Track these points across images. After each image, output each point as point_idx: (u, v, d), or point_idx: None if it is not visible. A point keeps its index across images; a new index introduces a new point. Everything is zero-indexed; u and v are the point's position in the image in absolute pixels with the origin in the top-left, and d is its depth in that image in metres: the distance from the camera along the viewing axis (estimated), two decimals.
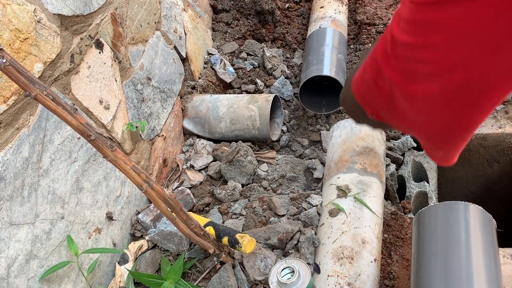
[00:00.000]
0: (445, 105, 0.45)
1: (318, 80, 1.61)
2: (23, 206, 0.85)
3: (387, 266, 1.13)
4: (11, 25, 0.79)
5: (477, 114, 0.46)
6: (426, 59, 0.42)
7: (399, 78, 0.47)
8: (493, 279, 0.83)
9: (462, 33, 0.39)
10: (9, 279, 0.81)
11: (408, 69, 0.45)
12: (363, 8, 2.02)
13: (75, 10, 0.97)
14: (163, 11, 1.48)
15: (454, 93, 0.43)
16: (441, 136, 0.50)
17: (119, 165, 0.79)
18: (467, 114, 0.46)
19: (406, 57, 0.44)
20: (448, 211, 0.94)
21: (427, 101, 0.46)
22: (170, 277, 1.00)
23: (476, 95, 0.44)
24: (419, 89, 0.45)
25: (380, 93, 0.51)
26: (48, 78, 0.91)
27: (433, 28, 0.40)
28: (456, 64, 0.41)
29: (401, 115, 0.50)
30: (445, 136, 0.50)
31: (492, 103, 0.45)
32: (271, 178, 1.41)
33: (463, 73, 0.41)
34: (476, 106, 0.45)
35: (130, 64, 1.25)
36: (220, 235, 1.04)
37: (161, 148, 1.42)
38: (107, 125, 1.12)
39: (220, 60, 1.80)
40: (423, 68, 0.43)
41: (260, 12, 1.97)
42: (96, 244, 1.07)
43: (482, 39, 0.39)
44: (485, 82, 0.42)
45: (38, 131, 0.88)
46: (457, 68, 0.41)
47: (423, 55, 0.42)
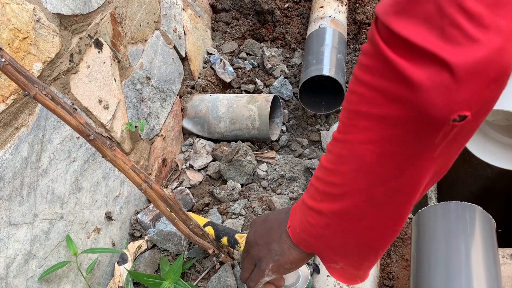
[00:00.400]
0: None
1: (317, 80, 1.60)
2: (22, 206, 0.85)
3: (387, 266, 1.13)
4: (10, 24, 0.79)
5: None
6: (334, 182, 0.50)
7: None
8: (492, 279, 0.83)
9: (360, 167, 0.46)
10: (8, 279, 0.81)
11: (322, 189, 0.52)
12: (363, 8, 2.02)
13: (75, 10, 0.97)
14: (162, 10, 1.48)
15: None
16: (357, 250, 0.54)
17: (118, 165, 0.79)
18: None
19: (322, 179, 0.52)
20: (447, 211, 0.94)
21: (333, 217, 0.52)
22: (169, 277, 0.99)
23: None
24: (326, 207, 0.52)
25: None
26: (47, 78, 0.91)
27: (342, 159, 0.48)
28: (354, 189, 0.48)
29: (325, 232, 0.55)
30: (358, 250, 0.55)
31: None
32: (270, 178, 1.40)
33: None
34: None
35: (129, 63, 1.25)
36: (220, 235, 1.03)
37: (160, 148, 1.42)
38: (106, 124, 1.11)
39: (219, 59, 1.80)
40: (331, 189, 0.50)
41: (259, 12, 1.96)
42: (95, 244, 1.07)
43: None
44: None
45: (37, 131, 0.88)
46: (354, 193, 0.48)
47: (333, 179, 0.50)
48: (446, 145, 0.41)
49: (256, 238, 0.64)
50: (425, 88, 0.36)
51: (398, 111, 0.39)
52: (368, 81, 0.41)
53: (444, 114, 0.36)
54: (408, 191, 0.45)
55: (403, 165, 0.43)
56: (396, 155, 0.42)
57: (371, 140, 0.43)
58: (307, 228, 0.55)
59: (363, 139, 0.44)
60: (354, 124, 0.44)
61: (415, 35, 0.35)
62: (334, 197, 0.50)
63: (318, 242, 0.56)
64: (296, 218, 0.58)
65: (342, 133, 0.47)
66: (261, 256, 0.63)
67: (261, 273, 0.63)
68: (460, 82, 0.35)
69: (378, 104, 0.40)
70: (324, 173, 0.51)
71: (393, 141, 0.41)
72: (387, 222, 0.49)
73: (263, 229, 0.64)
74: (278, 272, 0.62)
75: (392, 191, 0.46)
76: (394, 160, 0.43)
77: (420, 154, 0.41)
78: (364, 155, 0.44)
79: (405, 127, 0.40)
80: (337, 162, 0.49)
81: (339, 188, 0.49)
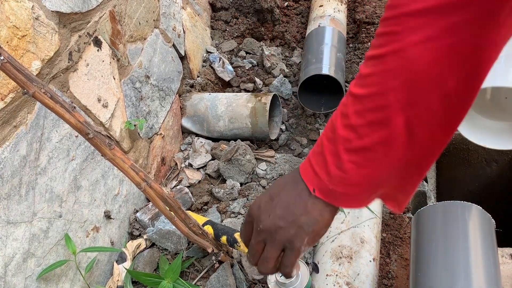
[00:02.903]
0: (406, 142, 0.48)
1: (317, 79, 1.60)
2: (21, 204, 0.84)
3: (386, 266, 1.13)
4: (8, 22, 0.79)
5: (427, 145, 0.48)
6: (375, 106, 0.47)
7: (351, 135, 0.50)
8: (492, 279, 0.83)
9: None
10: (6, 277, 0.81)
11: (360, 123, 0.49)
12: (362, 7, 2.02)
13: (74, 7, 0.97)
14: (161, 9, 1.47)
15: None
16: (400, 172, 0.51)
17: (118, 163, 0.78)
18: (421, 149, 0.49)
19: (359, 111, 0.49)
20: (447, 210, 0.94)
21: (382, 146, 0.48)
22: (168, 276, 0.99)
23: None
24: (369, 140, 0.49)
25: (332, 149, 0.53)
26: (46, 76, 0.90)
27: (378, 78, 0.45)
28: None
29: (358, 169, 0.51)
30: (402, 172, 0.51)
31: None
32: (269, 177, 1.40)
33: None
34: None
35: (128, 62, 1.25)
36: (219, 234, 1.03)
37: (159, 147, 1.42)
38: (105, 123, 1.11)
39: (218, 58, 1.79)
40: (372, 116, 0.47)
41: (259, 11, 1.96)
42: (94, 243, 1.07)
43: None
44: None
45: (36, 129, 0.88)
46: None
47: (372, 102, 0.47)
48: (510, 23, 0.39)
49: (276, 221, 0.57)
50: None
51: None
52: None
53: None
54: (467, 89, 0.43)
55: (466, 57, 0.40)
56: (458, 45, 0.40)
57: (428, 36, 0.41)
58: (344, 178, 0.52)
59: (417, 39, 0.41)
60: (404, 28, 0.42)
61: None
62: (380, 124, 0.47)
63: (358, 187, 0.52)
64: (321, 176, 0.54)
65: (385, 46, 0.44)
66: (290, 236, 0.56)
67: (296, 253, 0.58)
68: None
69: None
70: (362, 102, 0.48)
71: (454, 30, 0.39)
72: (438, 134, 0.47)
73: (279, 210, 0.57)
74: (314, 241, 0.58)
75: (449, 93, 0.43)
76: (455, 52, 0.40)
77: (483, 39, 0.39)
78: (419, 58, 0.42)
79: (467, 7, 0.38)
80: (381, 82, 0.46)
81: (387, 110, 0.46)
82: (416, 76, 0.43)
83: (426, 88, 0.43)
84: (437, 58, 0.41)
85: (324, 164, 0.53)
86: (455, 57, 0.41)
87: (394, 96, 0.45)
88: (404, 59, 0.43)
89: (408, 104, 0.44)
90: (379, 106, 0.46)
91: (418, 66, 0.42)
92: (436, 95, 0.43)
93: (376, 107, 0.47)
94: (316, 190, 0.54)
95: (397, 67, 0.44)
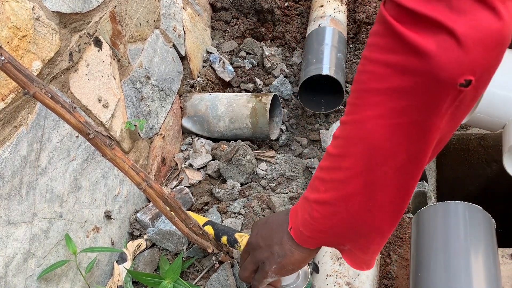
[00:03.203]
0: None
1: (317, 79, 1.60)
2: (21, 204, 0.84)
3: (386, 266, 1.13)
4: (9, 22, 0.79)
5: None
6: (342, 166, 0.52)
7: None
8: (492, 279, 0.83)
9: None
10: (6, 278, 0.81)
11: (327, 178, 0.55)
12: (363, 7, 2.02)
13: (74, 8, 0.97)
14: (162, 9, 1.48)
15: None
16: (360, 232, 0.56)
17: (118, 163, 0.78)
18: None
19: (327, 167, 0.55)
20: (447, 211, 0.94)
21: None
22: (169, 276, 0.99)
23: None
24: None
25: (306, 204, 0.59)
26: (46, 76, 0.91)
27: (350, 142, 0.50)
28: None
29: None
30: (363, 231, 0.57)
31: None
32: (270, 177, 1.40)
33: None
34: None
35: (129, 62, 1.25)
36: (219, 234, 1.03)
37: (159, 147, 1.42)
38: (106, 123, 1.11)
39: (219, 58, 1.79)
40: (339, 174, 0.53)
41: (259, 11, 1.96)
42: (94, 243, 1.07)
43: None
44: None
45: (37, 129, 0.88)
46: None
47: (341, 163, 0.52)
48: (451, 114, 0.44)
49: (258, 240, 0.66)
50: (434, 55, 0.39)
51: (409, 81, 0.42)
52: (379, 58, 0.44)
53: (452, 77, 0.40)
54: (416, 163, 0.48)
55: (412, 137, 0.46)
56: (406, 126, 0.45)
57: (381, 114, 0.46)
58: (312, 224, 0.57)
59: (373, 115, 0.46)
60: (364, 102, 0.47)
61: (423, 7, 0.39)
62: (341, 182, 0.52)
63: (324, 235, 0.58)
64: (298, 217, 0.60)
65: (350, 115, 0.50)
66: (263, 258, 0.65)
67: (264, 274, 0.65)
68: (465, 48, 0.39)
69: (389, 78, 0.44)
70: (330, 160, 0.54)
71: (403, 112, 0.44)
72: (395, 199, 0.51)
73: (265, 232, 0.66)
74: (280, 273, 0.65)
75: (401, 165, 0.48)
76: (404, 132, 0.46)
77: (428, 124, 0.44)
78: (374, 131, 0.47)
79: (415, 96, 0.43)
80: (345, 145, 0.51)
81: (348, 172, 0.51)
82: (372, 147, 0.48)
83: (380, 159, 0.48)
84: (388, 135, 0.46)
85: (302, 207, 0.59)
86: (403, 136, 0.46)
87: (354, 160, 0.50)
88: (362, 131, 0.48)
89: (366, 170, 0.50)
90: (342, 167, 0.52)
91: (374, 139, 0.47)
92: (389, 165, 0.48)
93: (340, 167, 0.52)
94: (292, 228, 0.61)
95: (357, 136, 0.49)
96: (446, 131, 0.47)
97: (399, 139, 0.46)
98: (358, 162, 0.50)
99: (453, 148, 1.61)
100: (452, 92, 0.41)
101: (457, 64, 0.39)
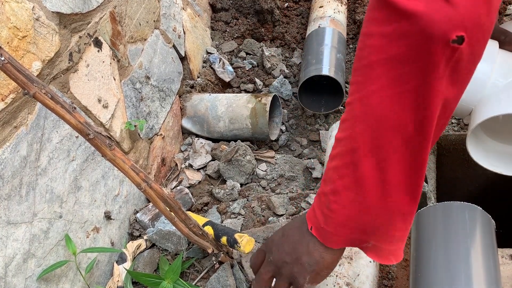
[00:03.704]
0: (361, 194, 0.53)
1: (317, 79, 1.60)
2: (21, 205, 0.84)
3: (386, 266, 1.13)
4: (9, 22, 0.79)
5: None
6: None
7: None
8: (492, 280, 0.83)
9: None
10: (6, 278, 0.81)
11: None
12: (362, 8, 2.02)
13: (74, 8, 0.97)
14: (162, 9, 1.48)
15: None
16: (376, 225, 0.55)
17: (118, 164, 0.78)
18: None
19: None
20: (447, 211, 0.94)
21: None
22: (169, 277, 0.99)
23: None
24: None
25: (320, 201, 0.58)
26: (46, 77, 0.91)
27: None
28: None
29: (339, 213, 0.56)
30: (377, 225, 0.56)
31: None
32: (270, 178, 1.40)
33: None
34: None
35: (128, 62, 1.25)
36: (219, 234, 1.03)
37: (159, 147, 1.42)
38: (106, 124, 1.11)
39: (219, 59, 1.80)
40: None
41: (259, 11, 1.96)
42: (94, 243, 1.07)
43: None
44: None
45: (37, 130, 0.88)
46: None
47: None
48: (450, 76, 0.45)
49: (282, 257, 0.63)
50: (424, 14, 0.41)
51: (404, 46, 0.44)
52: (376, 31, 0.46)
53: (443, 33, 0.41)
54: (422, 134, 0.48)
55: (415, 104, 0.46)
56: (408, 94, 0.46)
57: (383, 86, 0.46)
58: (332, 217, 0.56)
59: (376, 88, 0.47)
60: (366, 78, 0.48)
61: None
62: (353, 165, 0.52)
63: (346, 229, 0.56)
64: (317, 215, 0.58)
65: (354, 94, 0.50)
66: (294, 273, 0.62)
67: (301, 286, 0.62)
68: (453, 4, 0.41)
69: (387, 48, 0.45)
70: (340, 146, 0.54)
71: (403, 80, 0.45)
72: (408, 176, 0.50)
73: (286, 246, 0.63)
74: (316, 281, 0.62)
75: (408, 138, 0.48)
76: (407, 101, 0.46)
77: (428, 88, 0.45)
78: (378, 105, 0.47)
79: (412, 60, 0.44)
80: (352, 126, 0.51)
81: (357, 153, 0.51)
82: (378, 120, 0.48)
83: (388, 133, 0.48)
84: (391, 106, 0.47)
85: (319, 204, 0.58)
86: (407, 104, 0.46)
87: (362, 139, 0.50)
88: (368, 106, 0.49)
89: (376, 147, 0.49)
90: (350, 149, 0.52)
91: (379, 113, 0.48)
92: (398, 139, 0.48)
93: (347, 150, 0.52)
94: (313, 228, 0.59)
95: (363, 113, 0.49)
96: (450, 97, 0.47)
97: (403, 108, 0.46)
98: (366, 140, 0.49)
99: (453, 148, 1.61)
100: (446, 50, 0.42)
101: (446, 20, 0.41)
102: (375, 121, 0.48)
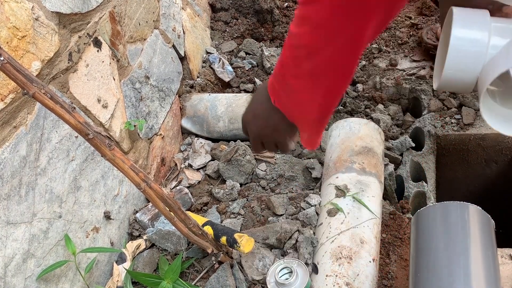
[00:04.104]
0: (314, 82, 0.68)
1: None
2: (21, 205, 0.84)
3: (386, 266, 1.13)
4: (8, 22, 0.79)
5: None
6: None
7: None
8: (491, 279, 0.83)
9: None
10: (6, 278, 0.81)
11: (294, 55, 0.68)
12: None
13: (73, 8, 0.97)
14: (161, 9, 1.48)
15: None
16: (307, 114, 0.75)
17: (117, 164, 0.78)
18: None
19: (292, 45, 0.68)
20: (446, 211, 0.94)
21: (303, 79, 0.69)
22: (168, 277, 0.99)
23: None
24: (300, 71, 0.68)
25: (283, 80, 0.73)
26: (46, 77, 0.90)
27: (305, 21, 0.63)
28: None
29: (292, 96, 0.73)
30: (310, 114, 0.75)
31: None
32: (269, 178, 1.40)
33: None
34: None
35: (128, 62, 1.25)
36: (219, 234, 1.03)
37: (159, 147, 1.42)
38: (105, 123, 1.11)
39: (218, 59, 1.79)
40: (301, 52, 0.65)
41: (258, 11, 1.96)
42: (93, 243, 1.07)
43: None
44: None
45: (36, 130, 0.88)
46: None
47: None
48: None
49: (261, 131, 0.83)
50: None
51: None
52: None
53: None
54: (356, 42, 0.61)
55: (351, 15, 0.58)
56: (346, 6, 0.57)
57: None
58: (289, 85, 0.72)
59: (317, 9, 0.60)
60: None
61: None
62: (307, 34, 0.64)
63: (296, 95, 0.72)
64: (279, 94, 0.76)
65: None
66: (276, 137, 0.83)
67: (285, 145, 0.84)
68: None
69: None
70: (296, 39, 0.67)
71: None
72: (344, 63, 0.64)
73: (261, 122, 0.82)
74: (292, 137, 0.84)
75: (347, 35, 0.60)
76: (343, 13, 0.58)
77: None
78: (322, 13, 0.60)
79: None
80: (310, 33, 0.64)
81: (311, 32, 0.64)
82: (323, 24, 0.60)
83: (331, 33, 0.60)
84: (328, 15, 0.59)
85: (280, 84, 0.74)
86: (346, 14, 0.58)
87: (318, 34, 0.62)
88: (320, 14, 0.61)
89: (329, 39, 0.61)
90: (306, 54, 0.66)
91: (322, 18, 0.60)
92: (342, 39, 0.61)
93: (304, 55, 0.66)
94: (275, 101, 0.76)
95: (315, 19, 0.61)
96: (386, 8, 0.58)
97: (339, 18, 0.58)
98: (322, 35, 0.61)
99: (453, 148, 1.61)
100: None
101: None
102: (321, 24, 0.61)
